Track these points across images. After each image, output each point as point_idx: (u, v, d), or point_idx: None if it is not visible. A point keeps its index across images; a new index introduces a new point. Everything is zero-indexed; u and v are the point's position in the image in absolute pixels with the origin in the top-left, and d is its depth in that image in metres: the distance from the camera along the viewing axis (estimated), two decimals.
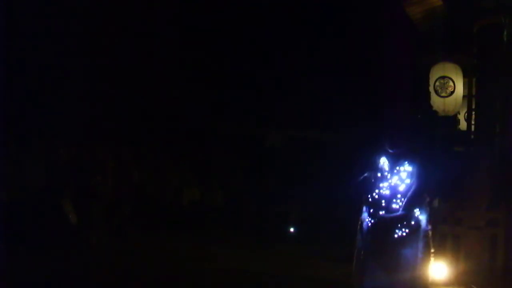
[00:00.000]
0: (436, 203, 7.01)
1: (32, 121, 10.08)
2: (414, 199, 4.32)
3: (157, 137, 12.53)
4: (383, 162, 4.47)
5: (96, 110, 11.28)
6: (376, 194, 4.41)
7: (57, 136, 10.03)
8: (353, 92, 11.98)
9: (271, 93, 13.38)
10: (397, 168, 4.39)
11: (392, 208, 4.33)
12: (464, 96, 7.56)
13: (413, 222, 4.31)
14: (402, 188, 4.35)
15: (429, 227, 4.51)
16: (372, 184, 4.47)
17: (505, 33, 6.58)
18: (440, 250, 6.63)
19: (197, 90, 13.02)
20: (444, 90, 7.46)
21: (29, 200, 8.59)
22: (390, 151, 4.42)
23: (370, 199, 4.45)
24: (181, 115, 12.96)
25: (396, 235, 4.29)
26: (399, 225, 4.28)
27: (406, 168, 4.37)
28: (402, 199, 4.32)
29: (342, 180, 10.69)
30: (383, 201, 4.37)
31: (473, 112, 7.35)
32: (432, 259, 4.71)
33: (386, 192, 4.38)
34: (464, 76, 7.49)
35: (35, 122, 10.09)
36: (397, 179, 4.37)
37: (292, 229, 11.04)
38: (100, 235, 8.91)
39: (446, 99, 7.47)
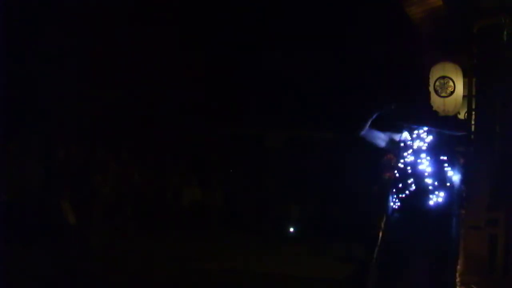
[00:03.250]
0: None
1: (32, 121, 10.09)
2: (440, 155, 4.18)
3: (157, 137, 12.54)
4: (404, 135, 4.34)
5: (96, 110, 11.28)
6: (402, 163, 4.24)
7: (57, 136, 10.03)
8: (353, 92, 11.98)
9: (271, 93, 13.38)
10: (416, 132, 4.27)
11: (419, 171, 4.14)
12: (464, 96, 7.55)
13: (448, 184, 4.12)
14: (425, 148, 4.19)
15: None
16: (397, 156, 4.33)
17: (505, 33, 6.58)
18: None
19: (197, 90, 13.02)
20: (444, 90, 7.45)
21: (29, 200, 8.59)
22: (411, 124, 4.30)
23: (396, 173, 4.25)
24: (181, 115, 12.96)
25: (431, 201, 4.07)
26: (431, 189, 4.07)
27: (425, 129, 4.25)
28: (429, 159, 4.15)
29: (342, 180, 10.75)
30: (408, 168, 4.18)
31: (473, 112, 7.34)
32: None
33: (411, 158, 4.21)
34: (464, 76, 7.48)
35: (35, 122, 10.10)
36: (419, 142, 4.22)
37: (292, 229, 11.04)
38: (100, 235, 8.91)
39: (446, 99, 7.46)
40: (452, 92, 7.44)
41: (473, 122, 7.30)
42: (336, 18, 12.20)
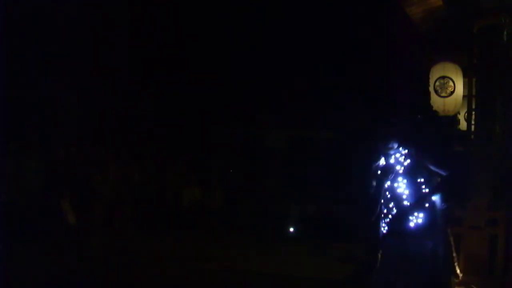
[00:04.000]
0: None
1: (32, 121, 10.09)
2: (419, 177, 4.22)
3: (157, 137, 12.55)
4: (382, 161, 4.41)
5: (96, 110, 11.29)
6: (382, 190, 4.31)
7: (57, 136, 10.03)
8: (353, 91, 11.98)
9: (271, 93, 13.38)
10: (393, 157, 4.32)
11: (399, 195, 4.21)
12: (464, 96, 7.56)
13: (427, 205, 4.17)
14: (402, 171, 4.26)
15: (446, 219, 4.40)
16: (379, 185, 4.37)
17: (505, 33, 6.58)
18: None
19: (197, 90, 13.03)
20: (444, 90, 7.45)
21: (29, 200, 8.59)
22: (388, 148, 4.34)
23: (381, 200, 4.33)
24: (181, 115, 12.97)
25: (412, 223, 4.13)
26: (415, 209, 4.14)
27: (402, 152, 4.31)
28: (407, 183, 4.21)
29: (342, 180, 10.75)
30: (387, 193, 4.27)
31: (473, 112, 7.34)
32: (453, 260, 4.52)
33: (388, 183, 4.29)
34: (464, 76, 7.49)
35: (35, 122, 10.10)
36: (397, 166, 4.28)
37: (292, 229, 11.04)
38: (100, 235, 8.91)
39: (446, 99, 7.47)
40: (452, 92, 7.45)
41: (473, 122, 7.30)
42: (336, 18, 12.20)
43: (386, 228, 4.27)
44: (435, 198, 4.27)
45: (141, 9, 11.88)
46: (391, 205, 4.25)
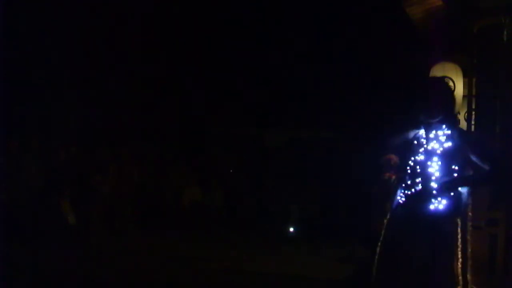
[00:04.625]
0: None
1: (32, 121, 10.09)
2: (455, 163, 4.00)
3: (157, 137, 12.55)
4: (420, 132, 4.18)
5: (97, 110, 11.29)
6: (412, 162, 4.08)
7: (57, 136, 10.03)
8: (353, 91, 11.99)
9: (271, 93, 13.38)
10: (434, 132, 4.08)
11: (428, 174, 3.99)
12: (464, 96, 7.55)
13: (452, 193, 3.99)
14: (440, 150, 4.02)
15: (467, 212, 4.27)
16: (409, 153, 4.14)
17: (505, 33, 6.57)
18: None
19: (197, 90, 13.03)
20: None
21: (29, 200, 8.59)
22: (428, 119, 4.09)
23: (407, 169, 4.10)
24: (181, 115, 12.97)
25: (432, 205, 3.95)
26: (436, 193, 3.95)
27: (445, 132, 4.07)
28: (439, 163, 3.99)
29: (342, 180, 10.75)
30: (417, 167, 4.03)
31: (473, 112, 7.33)
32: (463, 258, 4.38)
33: (422, 157, 4.05)
34: (464, 76, 7.48)
35: (35, 122, 10.10)
36: (434, 143, 4.05)
37: (292, 229, 11.04)
38: (100, 235, 8.92)
39: None
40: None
41: (473, 122, 7.30)
42: (336, 18, 12.21)
43: (403, 199, 4.06)
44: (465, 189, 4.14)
45: (141, 9, 11.88)
46: (417, 179, 4.01)
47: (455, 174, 4.02)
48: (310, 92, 12.85)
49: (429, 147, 4.06)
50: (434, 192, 3.98)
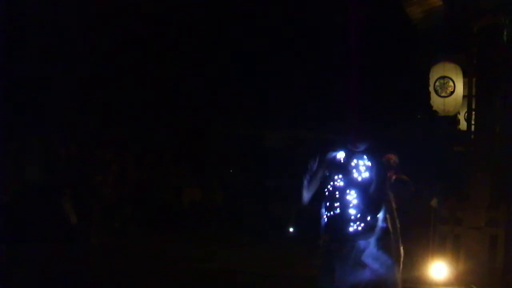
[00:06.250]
0: (435, 203, 7.02)
1: (33, 121, 10.08)
2: (372, 195, 4.32)
3: (157, 137, 12.54)
4: (341, 156, 4.45)
5: (97, 110, 11.28)
6: (331, 186, 4.41)
7: (58, 136, 10.03)
8: (353, 92, 11.96)
9: (271, 93, 13.38)
10: (355, 161, 4.36)
11: (346, 200, 4.31)
12: (464, 96, 7.56)
13: (368, 218, 4.28)
14: (359, 179, 4.32)
15: (387, 224, 4.48)
16: (329, 177, 4.46)
17: (505, 33, 6.58)
18: (440, 250, 6.65)
19: (197, 90, 13.02)
20: (444, 90, 7.46)
21: (29, 200, 8.59)
22: (352, 148, 4.39)
23: (326, 192, 4.45)
24: (181, 115, 12.96)
25: (351, 228, 4.27)
26: (353, 218, 4.27)
27: (366, 163, 4.35)
28: (357, 191, 4.30)
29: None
30: (337, 193, 4.36)
31: (473, 112, 7.34)
32: (399, 262, 4.66)
33: (341, 184, 4.36)
34: (464, 76, 7.49)
35: (35, 122, 10.09)
36: (354, 172, 4.34)
37: (292, 229, 11.03)
38: (100, 235, 8.92)
39: (446, 99, 7.48)
40: (452, 92, 7.46)
41: (473, 122, 7.31)
42: (335, 18, 12.20)
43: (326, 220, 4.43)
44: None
45: (142, 9, 11.88)
46: (336, 204, 4.35)
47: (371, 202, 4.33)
48: (310, 92, 12.84)
49: (349, 175, 4.36)
50: (352, 217, 4.28)
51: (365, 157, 4.37)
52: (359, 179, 4.32)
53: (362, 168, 4.33)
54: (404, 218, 5.16)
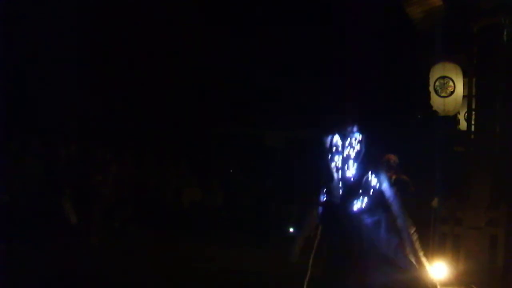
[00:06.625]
0: (435, 203, 7.03)
1: (33, 120, 10.09)
2: (366, 163, 4.40)
3: (157, 137, 12.55)
4: (336, 139, 4.58)
5: (97, 110, 11.29)
6: (333, 167, 4.49)
7: (58, 136, 10.03)
8: (353, 92, 11.96)
9: (271, 94, 13.38)
10: (348, 139, 4.50)
11: (346, 177, 4.39)
12: (464, 96, 7.56)
13: (372, 185, 4.35)
14: (353, 155, 4.44)
15: (394, 199, 4.48)
16: (328, 160, 4.56)
17: (505, 33, 6.58)
18: (440, 250, 6.65)
19: (197, 91, 13.03)
20: (444, 90, 7.45)
21: (29, 200, 8.59)
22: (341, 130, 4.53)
23: (327, 177, 4.51)
24: (181, 115, 12.97)
25: (347, 210, 4.33)
26: (355, 192, 4.34)
27: (356, 136, 4.49)
28: (354, 165, 4.40)
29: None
30: (337, 173, 4.45)
31: (473, 112, 7.34)
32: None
33: (339, 163, 4.47)
34: (464, 76, 7.48)
35: (35, 122, 10.10)
36: (349, 149, 4.47)
37: (292, 229, 11.03)
38: (100, 235, 8.91)
39: (446, 99, 7.47)
40: (452, 92, 7.45)
41: (473, 122, 7.30)
42: (335, 18, 12.21)
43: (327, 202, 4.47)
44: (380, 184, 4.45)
45: (143, 9, 11.89)
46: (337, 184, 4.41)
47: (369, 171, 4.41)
48: (310, 92, 12.84)
49: (345, 153, 4.49)
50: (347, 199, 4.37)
51: (356, 136, 4.50)
52: (352, 156, 4.44)
53: (354, 142, 4.48)
54: None
